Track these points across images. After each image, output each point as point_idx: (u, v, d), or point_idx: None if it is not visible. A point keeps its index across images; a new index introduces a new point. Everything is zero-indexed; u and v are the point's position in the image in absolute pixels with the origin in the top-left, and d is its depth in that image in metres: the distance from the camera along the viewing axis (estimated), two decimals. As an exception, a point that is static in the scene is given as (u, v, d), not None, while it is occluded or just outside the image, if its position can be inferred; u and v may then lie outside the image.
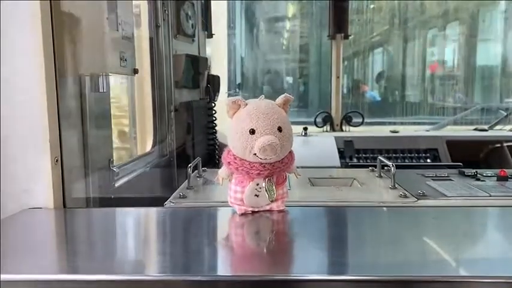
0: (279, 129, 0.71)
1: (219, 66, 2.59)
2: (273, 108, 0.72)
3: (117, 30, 1.00)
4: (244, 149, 0.71)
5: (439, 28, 3.51)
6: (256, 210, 0.77)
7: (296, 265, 0.59)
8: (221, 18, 2.45)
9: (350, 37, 2.78)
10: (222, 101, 2.21)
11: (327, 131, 2.67)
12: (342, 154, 2.22)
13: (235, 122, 0.73)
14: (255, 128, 0.70)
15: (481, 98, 3.43)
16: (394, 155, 2.25)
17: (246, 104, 0.73)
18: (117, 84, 1.43)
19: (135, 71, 1.09)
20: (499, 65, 3.41)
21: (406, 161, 2.24)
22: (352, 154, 2.26)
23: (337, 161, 2.09)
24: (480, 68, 3.45)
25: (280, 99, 0.75)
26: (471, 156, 2.22)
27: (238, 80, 3.47)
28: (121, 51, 1.00)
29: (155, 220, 0.82)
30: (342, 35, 2.64)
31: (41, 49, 0.79)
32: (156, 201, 0.90)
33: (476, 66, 3.45)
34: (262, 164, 0.72)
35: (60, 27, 0.85)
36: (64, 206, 0.84)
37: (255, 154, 0.70)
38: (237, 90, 3.33)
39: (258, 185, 0.74)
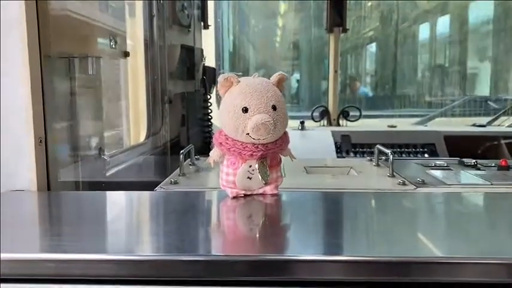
0: (273, 107, 0.67)
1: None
2: (267, 85, 0.69)
3: (107, 11, 0.96)
4: (237, 128, 0.67)
5: (430, 23, 3.51)
6: (248, 193, 0.73)
7: (290, 247, 0.57)
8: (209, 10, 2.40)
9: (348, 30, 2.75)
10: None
11: (324, 125, 2.64)
12: (338, 148, 2.20)
13: (227, 100, 0.69)
14: (248, 106, 0.66)
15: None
16: (391, 149, 2.22)
17: (239, 81, 0.69)
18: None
19: (126, 54, 1.05)
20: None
21: (404, 155, 2.21)
22: (349, 148, 2.24)
23: (333, 155, 2.07)
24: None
25: (274, 77, 0.71)
26: (469, 152, 2.20)
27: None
28: (110, 32, 0.96)
29: (145, 203, 0.78)
30: (340, 28, 2.60)
31: (25, 28, 0.76)
32: (148, 189, 0.86)
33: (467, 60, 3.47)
34: (255, 144, 0.68)
35: (44, 7, 0.82)
36: (49, 188, 0.81)
37: (248, 134, 0.67)
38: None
39: (250, 167, 0.71)
